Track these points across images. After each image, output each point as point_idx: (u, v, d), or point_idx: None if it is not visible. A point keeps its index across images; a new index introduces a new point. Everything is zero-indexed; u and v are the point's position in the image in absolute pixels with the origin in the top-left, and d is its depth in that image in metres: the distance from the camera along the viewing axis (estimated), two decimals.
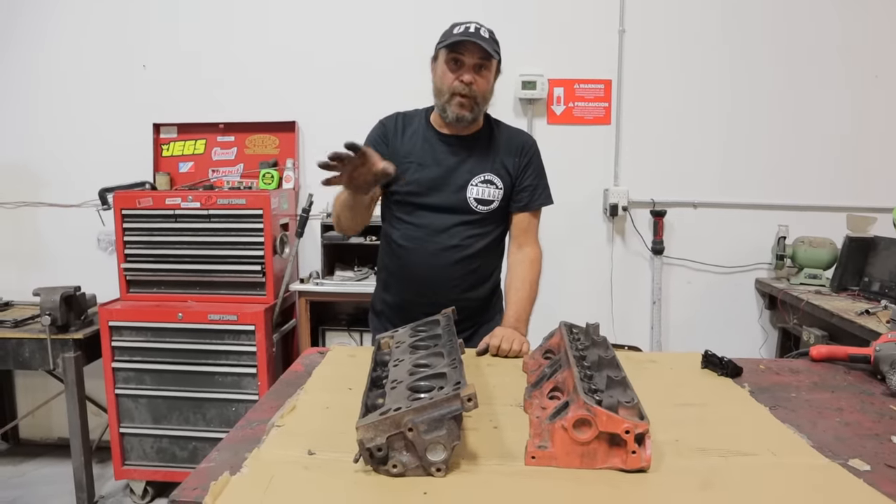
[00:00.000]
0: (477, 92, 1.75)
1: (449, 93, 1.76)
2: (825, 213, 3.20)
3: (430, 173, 1.83)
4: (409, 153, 1.85)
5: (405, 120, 1.91)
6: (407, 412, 0.96)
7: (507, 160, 1.88)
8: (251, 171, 3.25)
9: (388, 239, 1.93)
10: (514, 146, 1.90)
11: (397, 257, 1.89)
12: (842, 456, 1.07)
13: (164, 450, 2.91)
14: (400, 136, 1.87)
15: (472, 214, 1.85)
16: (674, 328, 3.38)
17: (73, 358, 2.76)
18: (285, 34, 3.27)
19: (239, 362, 2.83)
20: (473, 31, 1.72)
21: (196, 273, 2.93)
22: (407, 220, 1.87)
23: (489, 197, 1.85)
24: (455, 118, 1.78)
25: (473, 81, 1.74)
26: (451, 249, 1.84)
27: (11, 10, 3.31)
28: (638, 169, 3.27)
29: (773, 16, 3.17)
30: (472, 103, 1.76)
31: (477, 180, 1.84)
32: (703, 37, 3.20)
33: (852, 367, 1.58)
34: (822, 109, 3.20)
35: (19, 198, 3.44)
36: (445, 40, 1.75)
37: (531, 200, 1.90)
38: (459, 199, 1.83)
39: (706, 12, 3.18)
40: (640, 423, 0.98)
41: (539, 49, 3.21)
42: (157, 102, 3.33)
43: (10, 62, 3.35)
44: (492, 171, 1.85)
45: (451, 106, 1.77)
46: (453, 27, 1.77)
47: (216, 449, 1.10)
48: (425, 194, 1.84)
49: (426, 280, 1.85)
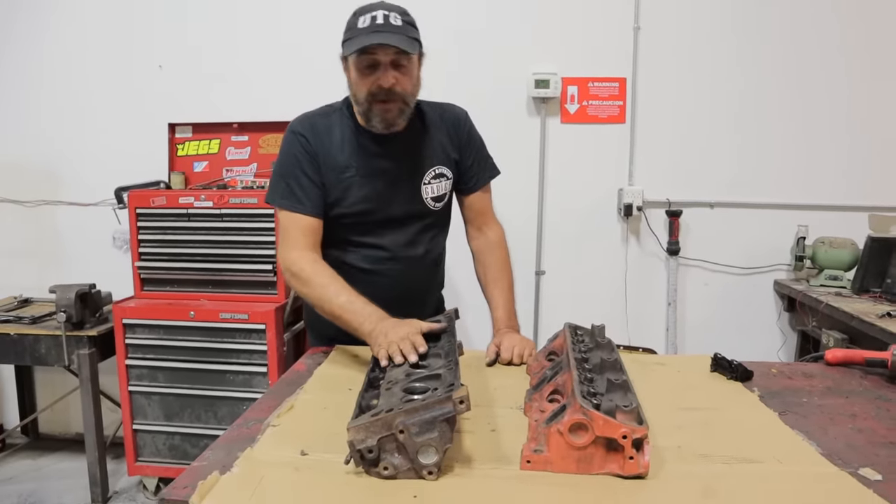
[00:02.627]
0: (402, 92, 1.53)
1: (367, 100, 1.54)
2: (846, 213, 3.11)
3: (379, 184, 1.63)
4: (346, 166, 1.61)
5: (323, 123, 1.64)
6: (398, 414, 0.95)
7: (445, 143, 1.71)
8: (264, 171, 3.26)
9: (343, 265, 1.66)
10: (448, 125, 1.73)
11: (363, 284, 1.57)
12: (852, 464, 1.03)
13: (176, 447, 2.93)
14: (328, 143, 1.62)
15: (429, 216, 1.72)
16: (690, 330, 3.32)
17: (87, 355, 2.79)
18: (298, 33, 3.28)
19: (250, 361, 2.83)
20: (382, 21, 1.47)
21: (208, 272, 2.94)
22: (365, 242, 1.67)
23: (443, 191, 1.72)
24: (382, 124, 1.57)
25: (395, 82, 1.51)
26: (421, 259, 1.73)
27: (32, 11, 3.36)
28: (653, 168, 3.22)
29: (786, 9, 3.09)
30: (398, 106, 1.55)
31: (428, 177, 1.68)
32: (717, 33, 3.13)
33: (869, 371, 1.53)
34: (841, 106, 3.11)
35: (39, 196, 3.49)
36: (349, 39, 1.51)
37: (479, 177, 1.77)
38: (416, 202, 1.67)
39: (720, 8, 3.12)
40: (638, 427, 0.96)
41: (552, 47, 3.16)
42: (173, 102, 3.35)
43: (27, 63, 3.40)
44: (439, 163, 1.69)
45: (375, 114, 1.56)
46: (357, 17, 1.51)
47: (210, 448, 1.10)
48: (379, 209, 1.64)
49: (399, 297, 1.62)
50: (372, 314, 1.45)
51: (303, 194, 1.60)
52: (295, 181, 1.61)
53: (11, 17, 3.37)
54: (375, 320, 1.43)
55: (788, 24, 3.10)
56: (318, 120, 1.65)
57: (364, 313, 1.46)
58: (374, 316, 1.44)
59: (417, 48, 1.53)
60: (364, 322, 1.44)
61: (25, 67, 3.41)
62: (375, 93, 1.52)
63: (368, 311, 1.46)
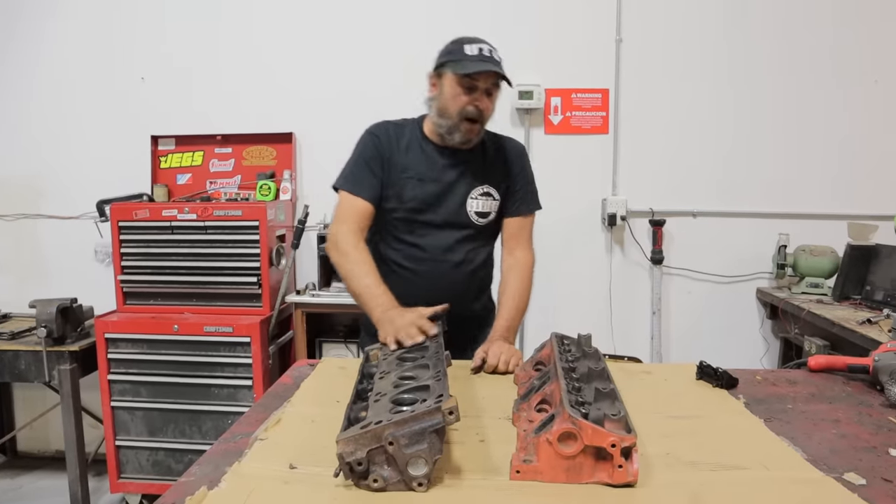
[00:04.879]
0: (487, 116, 1.76)
1: (459, 117, 1.73)
2: (826, 221, 3.17)
3: (431, 188, 1.80)
4: (406, 167, 1.81)
5: (396, 130, 1.85)
6: (388, 425, 0.94)
7: (500, 169, 1.87)
8: (248, 183, 3.25)
9: (387, 260, 1.85)
10: (505, 154, 1.89)
11: (401, 279, 1.80)
12: (837, 469, 1.05)
13: (159, 463, 2.89)
14: (395, 147, 1.82)
15: (471, 228, 1.85)
16: (675, 338, 3.35)
17: (68, 370, 2.75)
18: (282, 46, 3.28)
19: (235, 374, 2.81)
20: (488, 55, 1.70)
21: (192, 285, 2.91)
22: (408, 241, 1.83)
23: (488, 209, 1.85)
24: (462, 138, 1.76)
25: (486, 107, 1.73)
26: (458, 266, 1.84)
27: (9, 23, 3.33)
28: (636, 178, 3.25)
29: (769, 22, 3.16)
30: (479, 127, 1.76)
31: (476, 193, 1.83)
32: (699, 45, 3.19)
33: (851, 377, 1.55)
34: (821, 115, 3.18)
35: (19, 210, 3.44)
36: (456, 61, 1.71)
37: (521, 205, 1.89)
38: (460, 213, 1.82)
39: (702, 21, 3.18)
40: (626, 436, 0.96)
41: (536, 59, 3.20)
42: (156, 114, 3.33)
43: (9, 75, 3.37)
44: (489, 183, 1.85)
45: (461, 129, 1.74)
46: (462, 45, 1.73)
47: (197, 463, 1.09)
48: (427, 210, 1.81)
49: (435, 300, 1.70)
50: (385, 302, 1.60)
51: (362, 181, 1.79)
52: (359, 170, 1.80)
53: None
54: (385, 308, 1.57)
55: (770, 36, 3.17)
56: (391, 126, 1.86)
57: (378, 300, 1.61)
58: (386, 304, 1.59)
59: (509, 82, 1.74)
60: (376, 308, 1.60)
61: (5, 82, 3.38)
62: (470, 112, 1.71)
63: (383, 299, 1.61)
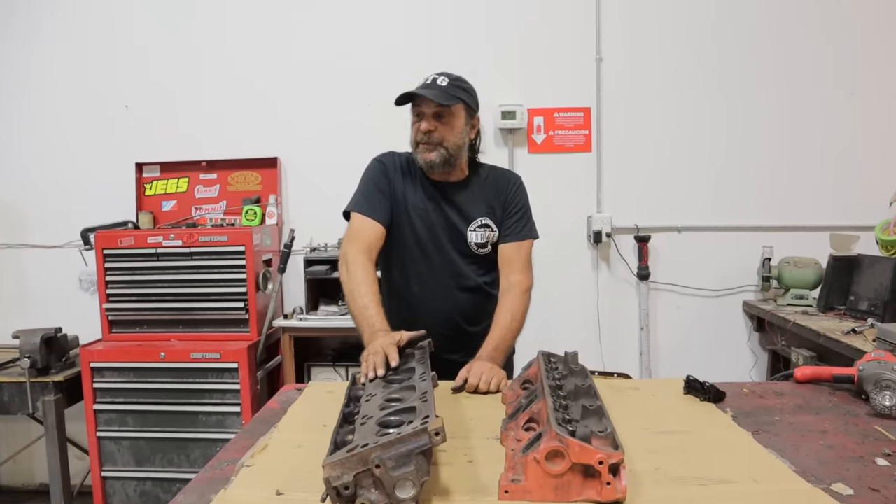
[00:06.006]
0: (439, 138, 1.81)
1: (415, 142, 1.85)
2: (809, 233, 3.20)
3: (432, 219, 1.89)
4: (406, 198, 1.90)
5: (399, 162, 1.94)
6: (374, 448, 0.93)
7: (495, 201, 1.94)
8: (234, 208, 3.25)
9: (395, 286, 1.95)
10: (501, 185, 1.96)
11: (408, 304, 1.92)
12: (825, 480, 1.05)
13: (147, 493, 2.84)
14: (400, 177, 1.91)
15: (473, 257, 1.92)
16: (664, 354, 3.36)
17: (53, 401, 2.71)
18: (265, 72, 3.30)
19: (223, 401, 2.78)
20: (430, 82, 1.81)
21: (179, 311, 2.89)
22: (412, 267, 1.91)
23: (485, 240, 1.92)
24: (424, 164, 1.84)
25: (433, 129, 1.80)
26: (466, 290, 1.92)
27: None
28: (620, 195, 3.28)
29: (747, 39, 3.22)
30: (434, 148, 1.81)
31: (475, 225, 1.91)
32: (679, 63, 3.24)
33: (837, 387, 1.56)
34: (801, 129, 3.23)
35: (2, 240, 3.42)
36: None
37: (515, 231, 1.94)
38: (461, 243, 1.90)
39: (681, 40, 3.24)
40: (614, 453, 0.96)
41: (518, 79, 3.24)
42: (140, 141, 3.33)
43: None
44: (485, 215, 1.91)
45: (419, 154, 1.84)
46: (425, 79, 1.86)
47: (182, 492, 1.07)
48: (430, 241, 1.90)
49: (439, 324, 1.82)
50: (374, 325, 1.60)
51: (374, 204, 1.86)
52: (369, 193, 1.88)
53: None
54: (374, 330, 1.57)
55: (749, 52, 3.23)
56: (396, 156, 1.95)
57: (369, 322, 1.62)
58: (375, 327, 1.59)
59: (452, 102, 1.79)
60: (366, 330, 1.61)
61: None
62: (419, 137, 1.82)
63: (373, 321, 1.62)
